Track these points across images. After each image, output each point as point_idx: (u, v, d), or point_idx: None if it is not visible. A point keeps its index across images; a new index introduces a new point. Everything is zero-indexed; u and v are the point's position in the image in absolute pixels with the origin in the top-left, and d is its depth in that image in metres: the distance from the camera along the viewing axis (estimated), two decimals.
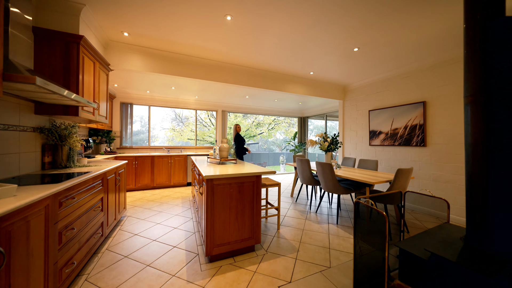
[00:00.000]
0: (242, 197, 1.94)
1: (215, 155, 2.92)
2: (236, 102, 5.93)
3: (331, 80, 4.29)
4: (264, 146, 20.77)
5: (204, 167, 2.33)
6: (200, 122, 12.69)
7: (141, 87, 4.43)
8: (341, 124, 4.86)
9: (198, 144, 11.47)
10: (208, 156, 3.09)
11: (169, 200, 3.75)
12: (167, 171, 4.73)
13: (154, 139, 12.53)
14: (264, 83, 3.85)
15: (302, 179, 3.52)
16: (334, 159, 3.43)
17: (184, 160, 4.91)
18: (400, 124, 3.58)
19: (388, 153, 3.81)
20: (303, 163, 3.41)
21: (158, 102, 5.26)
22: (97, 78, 2.44)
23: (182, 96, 5.19)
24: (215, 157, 2.87)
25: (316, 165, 3.05)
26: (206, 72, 3.35)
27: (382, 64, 3.38)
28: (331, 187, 2.86)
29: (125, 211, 2.88)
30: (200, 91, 4.76)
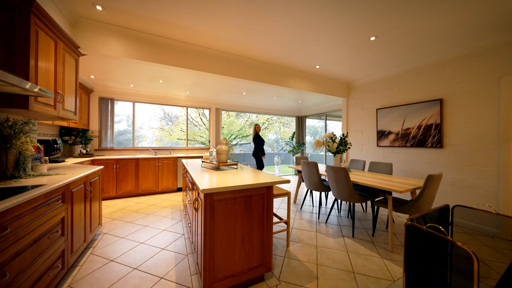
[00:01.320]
0: (249, 215, 1.52)
1: (211, 159, 2.47)
2: (232, 99, 5.48)
3: (336, 76, 3.97)
4: None
5: (198, 174, 1.89)
6: (190, 122, 12.06)
7: (124, 80, 3.87)
8: (345, 123, 4.56)
9: (189, 144, 10.85)
10: (203, 160, 2.64)
11: (156, 210, 3.24)
12: (154, 175, 4.19)
13: (141, 139, 11.75)
14: (266, 76, 3.44)
15: (309, 185, 3.16)
16: (344, 162, 3.09)
17: (174, 163, 4.40)
18: (413, 124, 3.30)
19: (398, 155, 3.53)
20: (310, 166, 3.04)
21: (144, 98, 4.70)
22: (61, 62, 1.91)
23: (171, 91, 4.66)
24: (211, 161, 2.43)
25: (327, 170, 2.69)
26: (200, 61, 2.88)
27: (396, 57, 3.08)
28: (345, 194, 2.50)
29: (100, 227, 2.36)
30: (191, 86, 4.26)
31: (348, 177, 2.42)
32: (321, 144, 3.22)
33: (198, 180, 1.61)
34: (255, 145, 4.57)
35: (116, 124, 14.27)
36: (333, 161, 3.22)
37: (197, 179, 1.63)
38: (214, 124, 5.52)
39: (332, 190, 2.72)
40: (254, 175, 1.87)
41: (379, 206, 2.39)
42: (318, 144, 3.22)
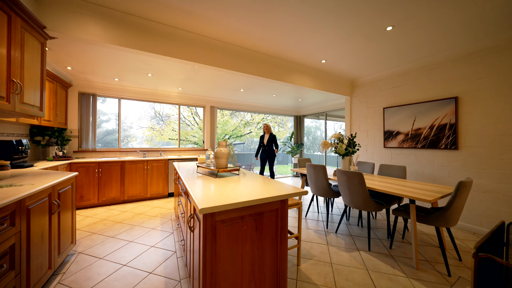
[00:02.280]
0: (261, 237, 1.20)
1: (208, 163, 2.13)
2: (228, 97, 5.13)
3: (340, 72, 3.71)
4: (251, 146, 20.08)
5: (193, 182, 1.55)
6: (182, 121, 11.56)
7: (107, 73, 3.44)
8: (348, 123, 4.32)
9: (181, 145, 10.36)
10: (198, 163, 2.29)
11: (143, 221, 2.85)
12: (142, 179, 3.78)
13: (130, 139, 11.16)
14: (267, 71, 3.12)
15: (315, 190, 2.87)
16: (354, 165, 2.83)
17: (165, 166, 4.00)
18: (424, 124, 3.10)
19: (407, 156, 3.32)
20: (318, 170, 2.75)
21: (131, 94, 4.26)
22: (18, 44, 1.52)
23: (162, 87, 4.25)
24: (208, 165, 2.08)
25: (338, 174, 2.41)
26: (194, 51, 2.53)
27: (410, 52, 2.85)
28: (359, 202, 2.23)
29: (73, 246, 1.96)
30: (184, 81, 3.88)
31: (364, 183, 2.16)
32: (329, 145, 2.94)
33: (194, 192, 1.28)
34: (269, 147, 4.57)
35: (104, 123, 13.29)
36: (341, 164, 2.95)
37: (193, 191, 1.30)
38: (208, 123, 5.14)
39: (343, 197, 2.44)
40: (262, 184, 1.55)
41: (398, 215, 2.13)
42: (325, 145, 2.94)
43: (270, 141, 4.57)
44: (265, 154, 4.61)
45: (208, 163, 2.10)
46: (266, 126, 4.57)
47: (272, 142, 4.59)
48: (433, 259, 2.01)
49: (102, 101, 10.43)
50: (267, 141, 4.57)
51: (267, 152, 4.58)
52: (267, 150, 4.57)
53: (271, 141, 4.58)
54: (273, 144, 4.60)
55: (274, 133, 4.74)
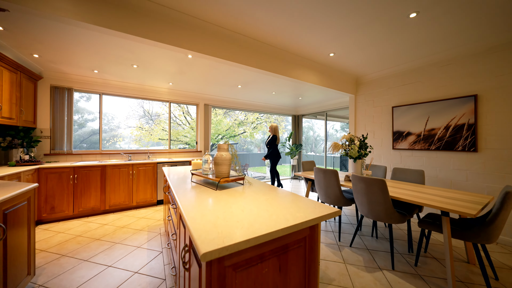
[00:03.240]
0: (286, 280, 0.86)
1: (205, 169, 1.75)
2: (224, 94, 4.74)
3: (346, 68, 3.44)
4: (244, 146, 19.72)
5: (188, 197, 1.18)
6: (173, 120, 11.02)
7: (83, 63, 2.97)
8: (352, 123, 4.08)
9: (172, 145, 9.82)
10: (192, 171, 1.91)
11: (127, 236, 2.43)
12: (127, 186, 3.33)
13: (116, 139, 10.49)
14: (270, 64, 2.78)
15: (325, 197, 2.57)
16: (367, 169, 2.55)
17: (153, 170, 3.56)
18: (439, 124, 2.88)
19: (419, 159, 3.10)
20: (328, 176, 2.45)
21: (114, 89, 3.78)
22: None
23: (150, 81, 3.81)
24: (205, 172, 1.71)
25: (354, 180, 2.11)
26: (187, 37, 2.14)
27: (426, 44, 2.60)
28: (380, 213, 1.94)
29: (31, 277, 1.53)
30: (176, 75, 3.47)
31: (387, 191, 1.87)
32: (339, 147, 2.65)
33: (190, 214, 0.91)
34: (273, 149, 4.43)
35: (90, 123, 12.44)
36: (352, 168, 2.67)
37: (188, 213, 0.93)
38: (202, 122, 4.73)
39: (359, 206, 2.15)
40: (276, 198, 1.20)
41: (425, 228, 1.86)
42: (335, 147, 2.64)
43: (270, 142, 4.44)
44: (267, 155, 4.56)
45: (205, 170, 1.73)
46: (270, 127, 4.53)
47: (272, 143, 4.39)
48: (467, 278, 1.75)
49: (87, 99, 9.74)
50: (268, 141, 4.46)
51: (268, 153, 4.51)
52: (268, 150, 4.51)
53: (270, 142, 4.44)
54: (272, 145, 4.39)
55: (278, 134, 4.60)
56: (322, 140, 21.07)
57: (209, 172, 1.72)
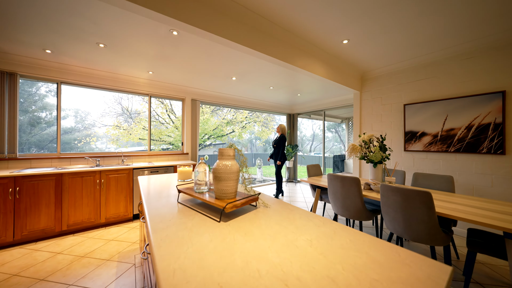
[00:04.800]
0: None
1: (198, 183, 1.20)
2: (214, 87, 4.16)
3: (355, 60, 3.07)
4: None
5: (170, 245, 0.64)
6: (155, 119, 10.09)
7: (29, 38, 2.23)
8: (357, 122, 3.74)
9: (154, 146, 8.94)
10: (180, 187, 1.35)
11: (87, 272, 1.79)
12: (93, 198, 2.64)
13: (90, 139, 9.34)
14: (275, 48, 2.30)
15: (342, 210, 2.14)
16: (391, 175, 2.18)
17: (128, 177, 2.90)
18: (459, 123, 2.60)
19: (435, 162, 2.81)
20: (348, 184, 2.02)
21: (77, 77, 3.03)
22: None
23: (124, 68, 3.12)
24: (199, 190, 1.17)
25: (385, 191, 1.71)
26: (173, 3, 1.57)
27: (449, 34, 2.29)
28: (421, 233, 1.55)
29: None
30: (157, 61, 2.84)
31: (433, 207, 1.48)
32: (358, 149, 2.24)
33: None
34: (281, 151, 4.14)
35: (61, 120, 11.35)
36: (372, 174, 2.28)
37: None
38: (189, 120, 4.11)
39: (390, 223, 1.74)
40: (329, 238, 0.71)
41: (483, 253, 1.50)
42: (354, 150, 2.23)
43: (277, 142, 4.16)
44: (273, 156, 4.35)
45: (198, 184, 1.18)
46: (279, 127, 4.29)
47: (280, 144, 4.14)
48: None
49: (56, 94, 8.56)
50: (274, 141, 4.25)
51: (274, 154, 4.30)
52: (274, 151, 4.28)
53: (278, 142, 4.16)
54: (281, 146, 4.12)
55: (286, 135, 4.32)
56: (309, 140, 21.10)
57: (204, 187, 1.18)
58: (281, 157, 4.08)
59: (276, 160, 4.17)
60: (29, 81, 2.75)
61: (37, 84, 7.02)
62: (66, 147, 8.70)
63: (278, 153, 4.11)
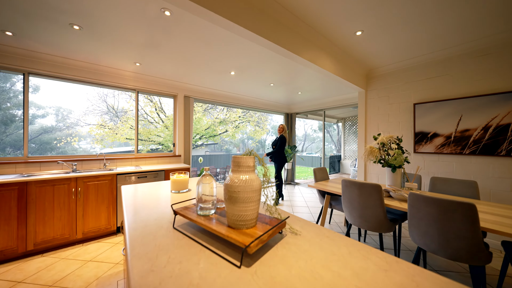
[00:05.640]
0: None
1: (204, 201, 0.89)
2: (210, 83, 3.81)
3: (365, 55, 2.86)
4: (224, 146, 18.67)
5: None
6: (144, 118, 9.53)
7: None
8: (362, 122, 3.55)
9: (143, 146, 8.41)
10: (176, 206, 1.04)
11: None
12: (68, 210, 2.24)
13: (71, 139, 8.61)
14: (283, 37, 2.02)
15: (359, 221, 1.90)
16: (412, 181, 1.97)
17: (111, 184, 2.51)
18: (475, 124, 2.45)
19: (448, 164, 2.66)
20: (367, 191, 1.78)
21: (49, 68, 2.59)
22: None
23: (107, 59, 2.72)
24: (204, 212, 0.86)
25: (413, 201, 1.48)
26: None
27: (467, 28, 2.12)
28: (461, 251, 1.33)
29: None
30: (145, 50, 2.47)
31: (477, 221, 1.26)
32: (376, 153, 2.01)
33: None
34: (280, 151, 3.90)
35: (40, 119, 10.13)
36: (390, 179, 2.06)
37: None
38: (182, 119, 3.74)
39: (420, 238, 1.52)
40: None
41: None
42: (372, 153, 2.00)
43: (276, 142, 3.94)
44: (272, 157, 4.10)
45: (204, 202, 0.87)
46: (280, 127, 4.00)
47: (278, 144, 3.90)
48: None
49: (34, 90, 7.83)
50: (273, 142, 4.00)
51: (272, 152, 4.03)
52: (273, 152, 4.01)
53: (277, 143, 3.92)
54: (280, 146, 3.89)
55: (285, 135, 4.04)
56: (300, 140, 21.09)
57: (211, 209, 0.87)
58: (278, 158, 3.82)
59: (274, 161, 3.91)
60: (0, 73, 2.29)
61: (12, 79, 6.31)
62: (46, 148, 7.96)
63: (276, 154, 3.84)
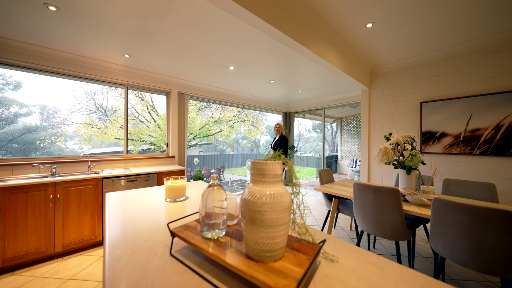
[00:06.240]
0: None
1: (211, 217, 0.69)
2: (207, 79, 3.57)
3: (367, 52, 2.73)
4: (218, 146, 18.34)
5: None
6: (134, 117, 9.11)
7: None
8: (366, 122, 3.43)
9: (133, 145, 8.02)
10: (173, 226, 0.83)
11: None
12: (45, 220, 1.95)
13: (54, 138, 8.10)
14: (289, 25, 1.83)
15: (374, 228, 1.74)
16: (429, 184, 1.83)
17: (96, 189, 2.24)
18: (486, 123, 2.36)
19: (456, 165, 2.57)
20: (383, 196, 1.63)
21: (21, 57, 2.28)
22: None
23: (91, 47, 2.44)
24: (213, 234, 0.66)
25: (437, 207, 1.33)
26: None
27: (477, 23, 2.02)
28: (497, 263, 1.19)
29: None
30: (135, 39, 2.22)
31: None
32: (391, 154, 1.86)
33: None
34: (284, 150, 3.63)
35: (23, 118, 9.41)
36: (404, 182, 1.91)
37: None
38: (176, 117, 3.48)
39: (447, 249, 1.37)
40: None
41: None
42: (386, 154, 1.84)
43: (277, 144, 3.63)
44: None
45: (212, 228, 0.67)
46: (278, 126, 3.75)
47: (281, 145, 3.62)
48: None
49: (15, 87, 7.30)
50: (275, 143, 3.67)
51: None
52: None
53: (279, 144, 3.62)
54: (282, 148, 3.61)
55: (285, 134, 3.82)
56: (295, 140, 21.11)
57: (220, 228, 0.67)
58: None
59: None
60: None
61: None
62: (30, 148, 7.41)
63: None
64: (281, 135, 3.69)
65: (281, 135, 3.68)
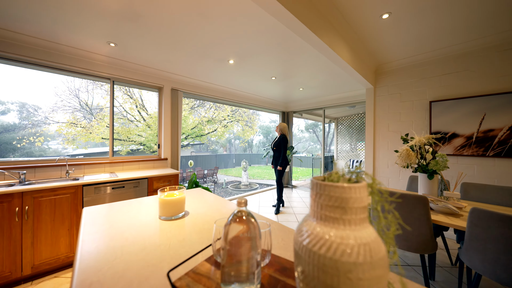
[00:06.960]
0: None
1: (229, 267, 0.45)
2: (202, 74, 3.28)
3: (376, 48, 2.57)
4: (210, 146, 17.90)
5: None
6: (123, 116, 8.60)
7: None
8: (371, 121, 3.28)
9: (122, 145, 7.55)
10: (173, 270, 0.58)
11: None
12: (8, 237, 1.62)
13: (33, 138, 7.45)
14: (304, 10, 1.61)
15: (398, 241, 1.56)
16: (454, 191, 1.67)
17: (75, 198, 1.91)
18: (500, 123, 2.26)
19: (468, 167, 2.46)
20: (410, 203, 1.45)
21: None
22: None
23: (69, 33, 2.10)
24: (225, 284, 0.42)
25: (484, 221, 1.16)
26: None
27: (491, 19, 1.90)
28: None
29: None
30: (122, 24, 1.91)
31: None
32: (413, 157, 1.69)
33: None
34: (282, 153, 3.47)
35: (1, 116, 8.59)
36: (424, 187, 1.75)
37: None
38: (168, 116, 3.18)
39: (484, 265, 1.20)
40: None
41: None
42: (409, 157, 1.66)
43: (277, 143, 3.49)
44: (273, 160, 3.70)
45: (236, 275, 0.43)
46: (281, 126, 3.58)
47: (281, 145, 3.48)
48: None
49: None
50: (274, 143, 3.54)
51: (274, 158, 3.64)
52: (274, 155, 3.63)
53: (279, 143, 3.48)
54: (282, 148, 3.47)
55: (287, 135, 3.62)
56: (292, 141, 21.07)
57: (253, 279, 0.43)
58: (282, 162, 3.43)
59: (276, 165, 3.51)
60: None
61: None
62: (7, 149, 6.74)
63: (279, 156, 3.45)
64: (282, 135, 3.49)
65: (282, 135, 3.49)
